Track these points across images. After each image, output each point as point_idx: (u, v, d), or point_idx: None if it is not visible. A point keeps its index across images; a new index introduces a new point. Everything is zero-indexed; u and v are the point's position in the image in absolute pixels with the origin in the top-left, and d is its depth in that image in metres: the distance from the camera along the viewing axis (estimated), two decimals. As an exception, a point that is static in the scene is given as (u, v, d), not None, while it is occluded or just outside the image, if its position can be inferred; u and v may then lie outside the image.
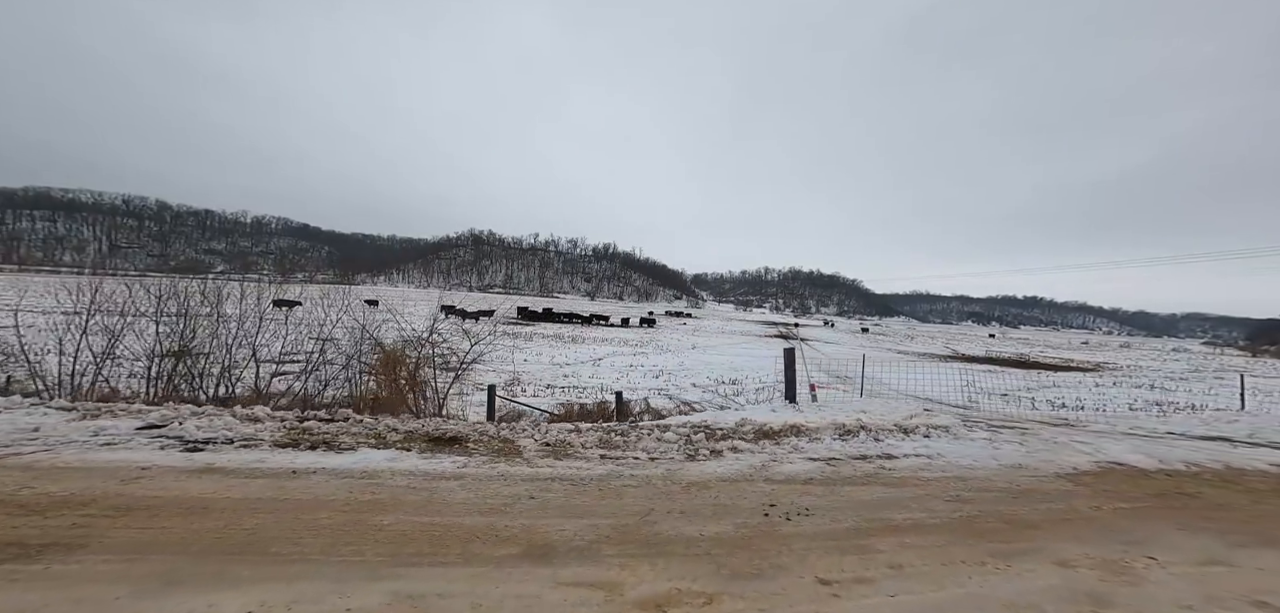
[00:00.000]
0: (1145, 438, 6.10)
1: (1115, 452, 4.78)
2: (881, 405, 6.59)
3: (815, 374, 17.76)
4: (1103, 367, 30.08)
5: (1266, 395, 19.96)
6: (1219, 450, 5.17)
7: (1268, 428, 6.19)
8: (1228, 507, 3.66)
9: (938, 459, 4.33)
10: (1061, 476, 4.10)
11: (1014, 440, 5.13)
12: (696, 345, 27.09)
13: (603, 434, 4.63)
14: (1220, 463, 4.52)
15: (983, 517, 3.30)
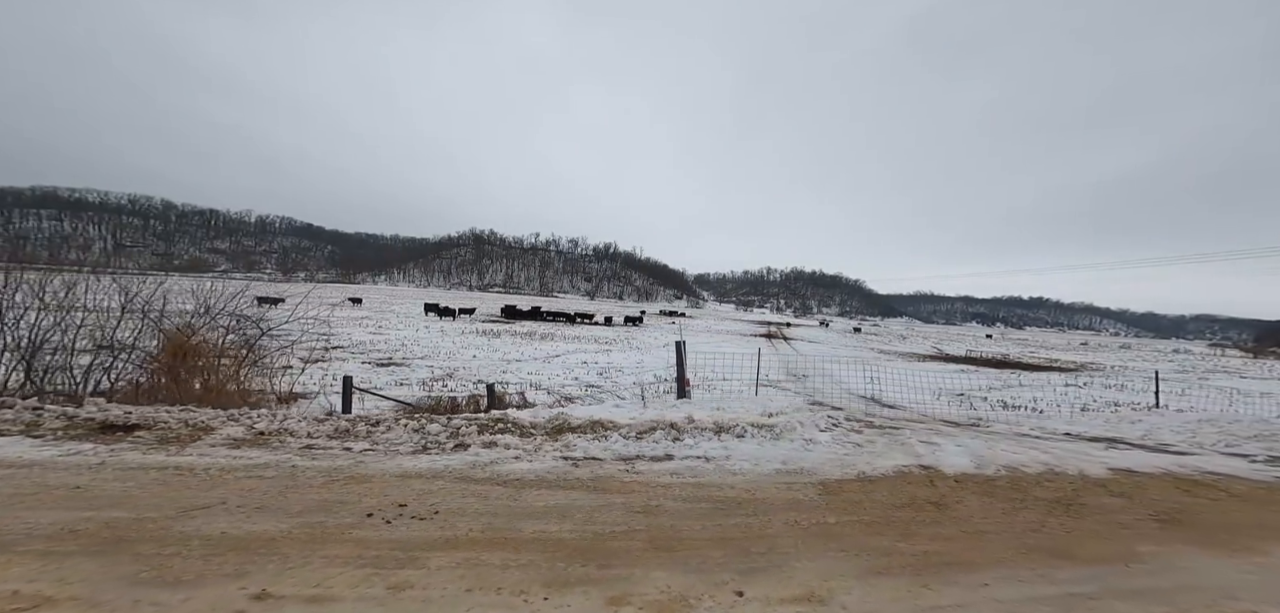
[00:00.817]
0: (1031, 438, 5.79)
1: (954, 457, 4.47)
2: (759, 403, 6.30)
3: (775, 374, 17.48)
4: (1086, 367, 29.50)
5: (1245, 396, 19.40)
6: (1081, 451, 4.86)
7: (1166, 427, 5.86)
8: (963, 519, 3.32)
9: (716, 461, 4.08)
10: (844, 481, 3.80)
11: (862, 442, 4.84)
12: (669, 344, 26.86)
13: (365, 427, 4.47)
14: (1046, 466, 4.21)
15: (662, 531, 2.96)
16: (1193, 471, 4.25)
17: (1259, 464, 4.55)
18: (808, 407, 6.00)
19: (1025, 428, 6.67)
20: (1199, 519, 3.31)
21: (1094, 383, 20.18)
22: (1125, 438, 5.68)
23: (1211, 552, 2.88)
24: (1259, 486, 3.95)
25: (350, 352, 15.01)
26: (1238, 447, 5.05)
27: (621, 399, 7.53)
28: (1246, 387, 23.19)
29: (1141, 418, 6.45)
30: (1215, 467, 4.37)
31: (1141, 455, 4.74)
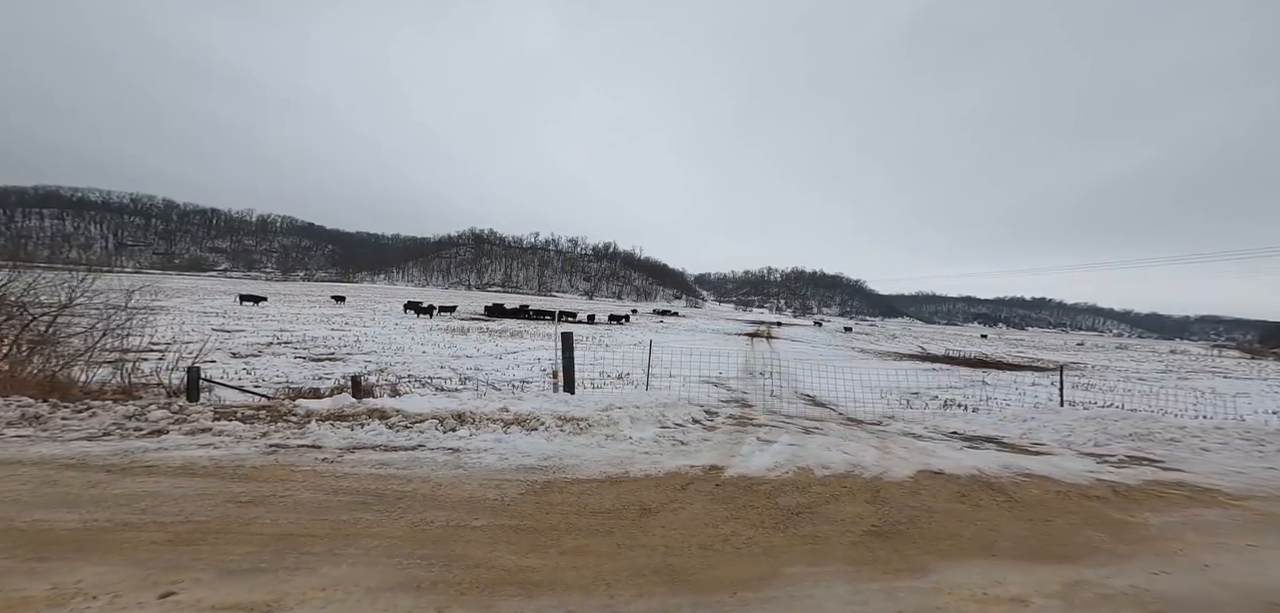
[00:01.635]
0: (911, 439, 5.55)
1: (774, 456, 4.22)
2: (648, 398, 6.06)
3: (731, 372, 17.21)
4: (1069, 367, 29.08)
5: (1216, 395, 18.99)
6: (934, 451, 4.61)
7: (1051, 425, 5.59)
8: (643, 531, 3.03)
9: (448, 453, 3.91)
10: (591, 481, 3.57)
11: (698, 442, 4.60)
12: (640, 342, 26.65)
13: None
14: (851, 468, 3.96)
15: (239, 523, 2.78)
16: (1018, 471, 4.00)
17: (1107, 465, 4.30)
18: (659, 405, 5.77)
19: (921, 428, 6.41)
20: (916, 531, 3.04)
21: (1066, 385, 19.80)
22: (1003, 437, 5.42)
23: (863, 572, 2.59)
24: (1065, 488, 3.69)
25: (293, 347, 14.84)
26: (1104, 445, 4.79)
27: (498, 390, 7.31)
28: (1225, 387, 22.75)
29: (1033, 417, 6.16)
30: (1050, 468, 4.12)
31: (996, 456, 4.50)
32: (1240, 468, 4.03)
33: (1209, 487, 3.76)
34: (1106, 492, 3.61)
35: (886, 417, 7.57)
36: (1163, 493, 3.60)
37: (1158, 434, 4.79)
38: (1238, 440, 4.62)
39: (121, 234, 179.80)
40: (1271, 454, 4.44)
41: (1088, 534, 3.02)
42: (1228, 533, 3.02)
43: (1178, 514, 3.28)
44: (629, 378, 12.97)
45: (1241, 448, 4.54)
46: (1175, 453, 4.45)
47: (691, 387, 11.72)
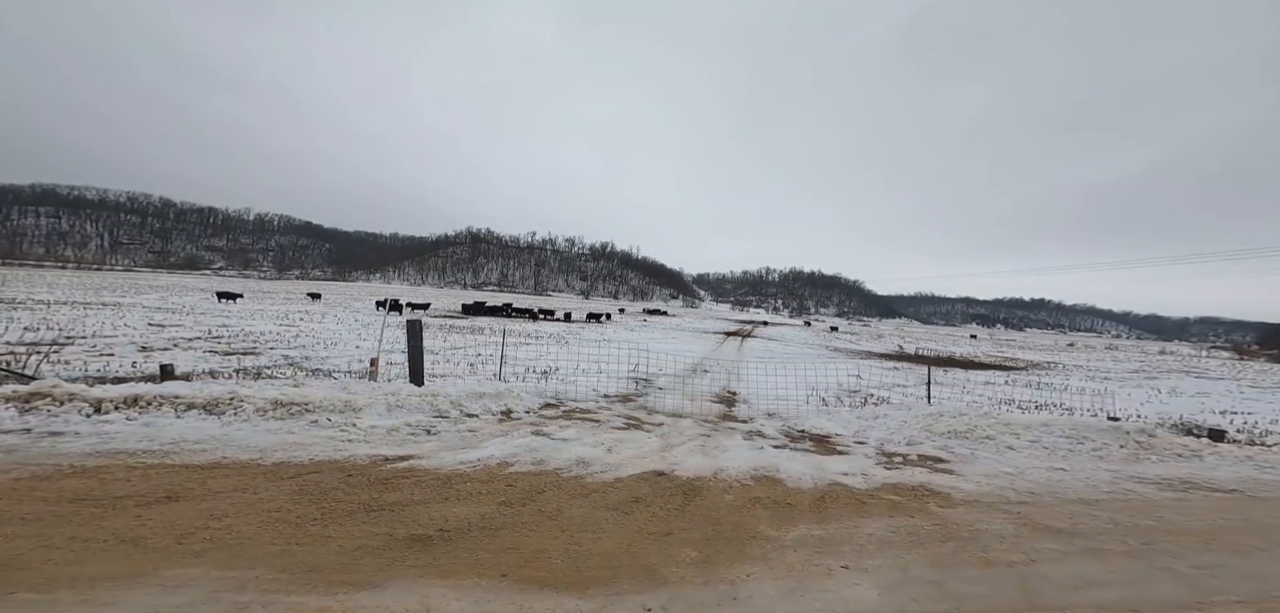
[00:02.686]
0: (755, 436, 5.23)
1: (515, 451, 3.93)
2: (492, 387, 5.79)
3: (674, 369, 16.91)
4: (1039, 366, 28.73)
5: (1172, 394, 18.65)
6: (726, 448, 4.29)
7: (880, 427, 5.27)
8: None
9: (139, 432, 3.61)
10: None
11: (478, 435, 4.31)
12: (607, 339, 26.37)
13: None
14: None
15: None
16: (773, 472, 3.70)
17: (890, 466, 4.01)
18: (491, 395, 5.48)
19: (775, 427, 6.11)
20: (468, 541, 2.79)
21: (1015, 383, 19.54)
22: (834, 435, 5.12)
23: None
24: (788, 492, 3.40)
25: (223, 342, 14.60)
26: (916, 444, 4.48)
27: (334, 377, 7.02)
28: (1189, 385, 22.42)
29: (883, 416, 5.85)
30: (812, 470, 3.82)
31: (788, 455, 4.22)
32: (1021, 468, 3.73)
33: (947, 490, 3.47)
34: (813, 500, 3.31)
35: (771, 414, 7.27)
36: (893, 498, 3.30)
37: (980, 431, 4.48)
38: (1059, 437, 4.32)
39: (117, 232, 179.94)
40: (1081, 453, 4.13)
41: (703, 550, 2.70)
42: (869, 552, 2.67)
43: (845, 525, 2.97)
44: (554, 373, 12.70)
45: (1057, 445, 4.24)
46: (977, 453, 4.16)
47: (609, 381, 11.45)
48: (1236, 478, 3.71)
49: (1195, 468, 3.98)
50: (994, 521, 3.06)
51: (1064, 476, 3.66)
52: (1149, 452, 4.29)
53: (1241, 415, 13.87)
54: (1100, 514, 3.14)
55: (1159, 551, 2.72)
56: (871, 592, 2.28)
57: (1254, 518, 3.13)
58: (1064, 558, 2.62)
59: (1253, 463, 4.17)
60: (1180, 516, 3.15)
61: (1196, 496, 3.46)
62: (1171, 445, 4.35)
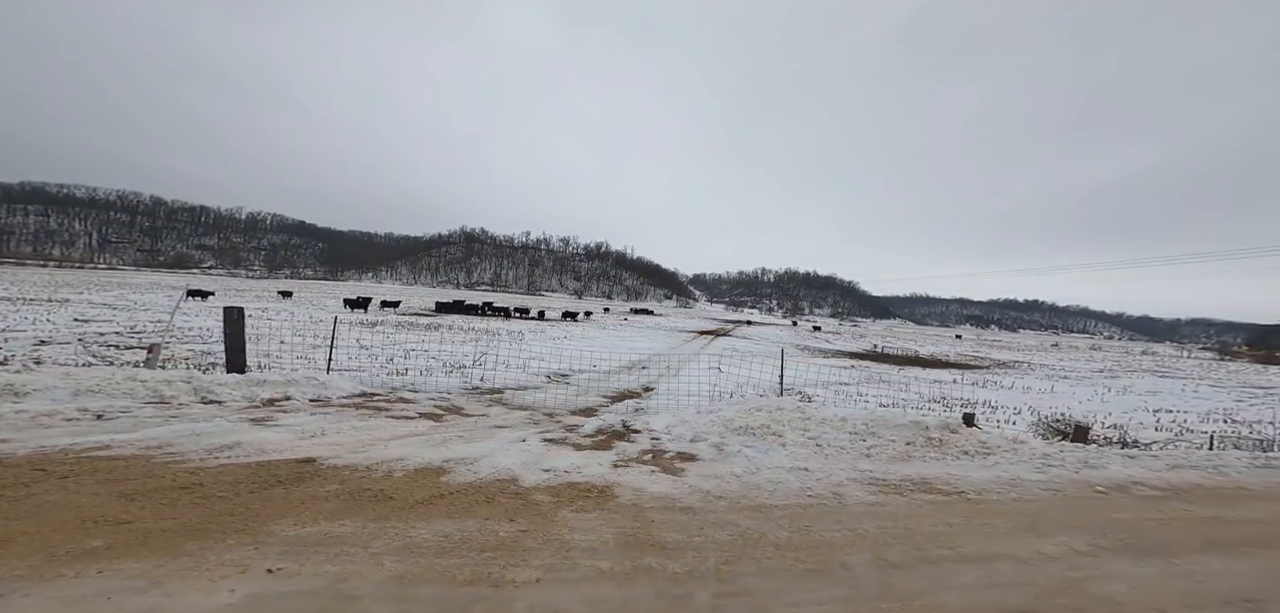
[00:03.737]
0: None
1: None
2: (319, 376, 5.47)
3: (611, 365, 16.66)
4: (1004, 365, 28.56)
5: (1126, 393, 18.48)
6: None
7: (696, 423, 4.98)
8: None
9: None
10: None
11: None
12: (567, 336, 26.07)
13: None
14: None
15: None
16: None
17: (609, 463, 3.71)
18: (312, 385, 5.19)
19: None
20: None
21: (961, 382, 19.35)
22: (647, 429, 4.83)
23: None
24: (401, 474, 3.09)
25: (143, 336, 14.27)
26: (693, 441, 4.20)
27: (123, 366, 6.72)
28: (1144, 384, 22.25)
29: (721, 409, 5.59)
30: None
31: (541, 450, 3.91)
32: (759, 468, 3.46)
33: (635, 489, 3.18)
34: (434, 495, 2.98)
35: (638, 411, 6.97)
36: (543, 499, 2.98)
37: (772, 427, 4.22)
38: (846, 435, 4.06)
39: (106, 231, 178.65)
40: (848, 452, 3.84)
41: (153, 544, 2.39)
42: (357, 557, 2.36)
43: (387, 525, 2.62)
44: (461, 369, 12.39)
45: (835, 443, 3.97)
46: (743, 450, 3.90)
47: (518, 375, 11.19)
48: (997, 479, 3.45)
49: (961, 468, 3.71)
50: (624, 524, 2.74)
51: (792, 476, 3.38)
52: (936, 449, 4.03)
53: (1173, 413, 13.66)
54: (761, 520, 2.85)
55: (748, 559, 2.39)
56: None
57: (941, 523, 2.84)
58: (628, 577, 2.25)
59: (1043, 461, 3.90)
60: (854, 521, 2.86)
61: (917, 499, 3.19)
62: (965, 444, 4.08)
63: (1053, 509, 3.01)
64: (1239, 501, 3.33)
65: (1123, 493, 3.34)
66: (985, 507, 3.03)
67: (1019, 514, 2.92)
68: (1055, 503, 3.11)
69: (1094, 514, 2.95)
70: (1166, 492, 3.39)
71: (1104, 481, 3.51)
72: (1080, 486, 3.38)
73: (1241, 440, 7.62)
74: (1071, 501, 3.15)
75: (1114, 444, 6.66)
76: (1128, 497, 3.28)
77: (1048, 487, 3.36)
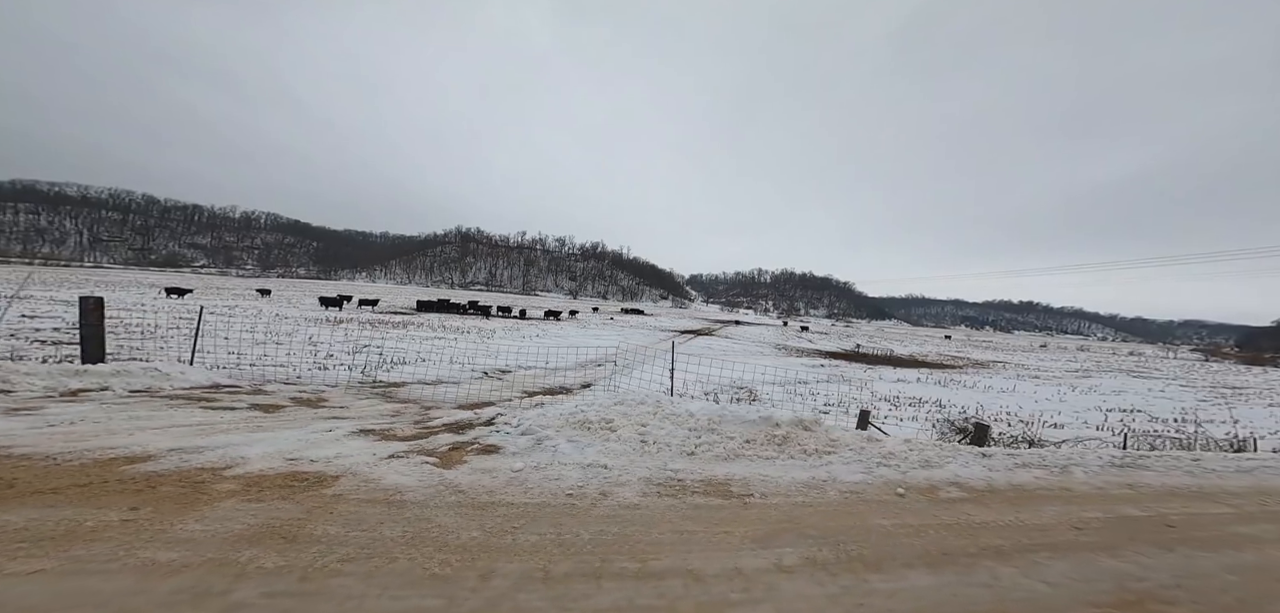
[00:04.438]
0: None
1: None
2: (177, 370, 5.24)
3: (565, 363, 16.46)
4: (979, 365, 28.44)
5: (1091, 391, 18.34)
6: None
7: (534, 419, 4.75)
8: None
9: None
10: None
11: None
12: (539, 335, 25.82)
13: None
14: None
15: None
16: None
17: (383, 455, 3.50)
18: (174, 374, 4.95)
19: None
20: None
21: (925, 381, 19.21)
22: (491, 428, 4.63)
23: None
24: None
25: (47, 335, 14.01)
26: (524, 435, 3.98)
27: None
28: (1112, 384, 22.13)
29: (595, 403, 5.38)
30: None
31: (352, 442, 3.68)
32: (545, 465, 3.26)
33: (364, 478, 2.97)
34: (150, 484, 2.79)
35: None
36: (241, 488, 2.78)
37: (614, 422, 3.99)
38: (686, 431, 3.84)
39: (96, 229, 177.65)
40: (661, 450, 3.62)
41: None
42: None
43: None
44: (398, 365, 12.15)
45: (661, 438, 3.77)
46: (559, 445, 3.67)
47: (454, 370, 11.01)
48: (811, 481, 3.22)
49: (780, 468, 3.49)
50: (290, 513, 2.52)
51: (577, 472, 3.17)
52: (774, 447, 3.81)
53: (1127, 412, 13.50)
54: (469, 517, 2.64)
55: (376, 558, 2.17)
56: None
57: (675, 530, 2.61)
58: (196, 567, 2.05)
59: (880, 460, 3.68)
60: (575, 524, 2.63)
61: (690, 501, 2.98)
62: (810, 442, 3.89)
63: (817, 515, 2.79)
64: (1045, 502, 3.12)
65: (924, 495, 3.12)
66: (754, 512, 2.82)
67: (777, 520, 2.69)
68: (834, 508, 2.89)
69: (855, 521, 2.73)
70: (977, 494, 3.17)
71: (924, 482, 3.29)
72: (885, 488, 3.16)
73: (1160, 440, 7.44)
74: (854, 504, 2.92)
75: (1020, 443, 6.46)
76: (922, 500, 3.04)
77: (853, 489, 3.15)
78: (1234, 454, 5.70)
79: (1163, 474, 3.70)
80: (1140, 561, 2.46)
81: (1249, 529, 2.93)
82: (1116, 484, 3.37)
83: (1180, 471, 3.76)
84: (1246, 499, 3.30)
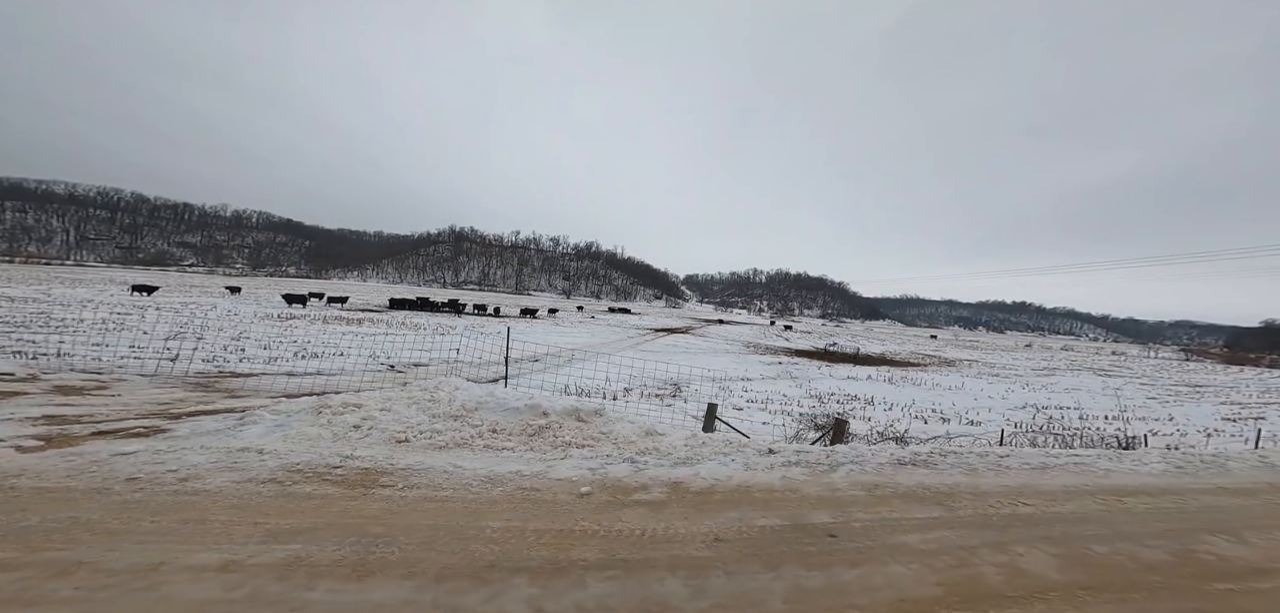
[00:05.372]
0: None
1: None
2: None
3: (518, 354, 16.12)
4: (950, 363, 28.24)
5: (1045, 389, 18.13)
6: None
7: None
8: None
9: None
10: None
11: None
12: (499, 332, 25.44)
13: None
14: None
15: None
16: None
17: None
18: None
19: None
20: None
21: (875, 378, 18.97)
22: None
23: None
24: None
25: None
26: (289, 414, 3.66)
27: None
28: (1077, 382, 21.93)
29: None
30: None
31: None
32: (260, 445, 2.95)
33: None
34: None
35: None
36: None
37: (373, 408, 3.68)
38: (447, 420, 3.53)
39: (84, 227, 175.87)
40: (411, 432, 3.31)
41: None
42: None
43: None
44: (314, 358, 11.81)
45: (416, 419, 3.45)
46: (277, 425, 3.34)
47: (357, 362, 10.73)
48: (506, 472, 2.92)
49: (506, 462, 3.18)
50: None
51: (254, 457, 2.87)
52: (527, 438, 3.50)
53: (1064, 410, 13.28)
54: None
55: None
56: None
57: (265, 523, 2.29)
58: None
59: (643, 455, 3.36)
60: (150, 515, 2.33)
61: (321, 491, 2.65)
62: (574, 436, 3.61)
63: (430, 512, 2.47)
64: (735, 507, 2.73)
65: (616, 495, 2.78)
66: (365, 505, 2.51)
67: (367, 516, 2.39)
68: (465, 505, 2.56)
69: (465, 522, 2.40)
70: (673, 499, 2.77)
71: (666, 480, 2.97)
72: (571, 486, 2.83)
73: (1040, 436, 7.15)
74: (499, 502, 2.55)
75: (889, 440, 6.16)
76: (599, 504, 2.68)
77: (528, 487, 2.82)
78: (1118, 453, 5.38)
79: (942, 474, 3.38)
80: (712, 584, 2.08)
81: (932, 536, 2.51)
82: (859, 486, 2.99)
83: (961, 470, 3.44)
84: (991, 500, 2.89)
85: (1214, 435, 10.33)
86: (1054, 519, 2.80)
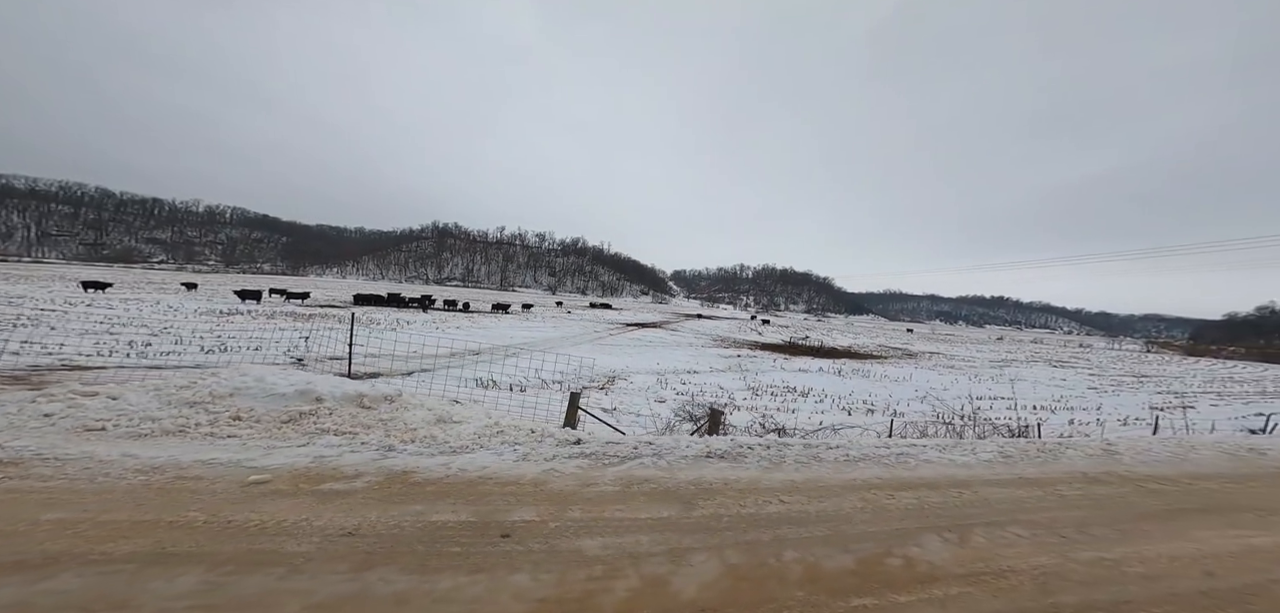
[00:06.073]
0: None
1: None
2: None
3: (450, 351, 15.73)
4: (912, 355, 28.55)
5: (993, 381, 18.33)
6: None
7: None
8: None
9: None
10: None
11: None
12: (462, 327, 24.92)
13: None
14: None
15: None
16: None
17: None
18: None
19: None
20: None
21: (826, 371, 19.03)
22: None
23: None
24: None
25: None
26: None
27: None
28: (1028, 372, 22.26)
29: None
30: None
31: None
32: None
33: None
34: None
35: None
36: None
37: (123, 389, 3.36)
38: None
39: (45, 223, 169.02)
40: (185, 422, 3.02)
41: None
42: None
43: None
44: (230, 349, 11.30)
45: (151, 406, 3.15)
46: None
47: (271, 355, 10.20)
48: (231, 462, 2.64)
49: (227, 449, 2.89)
50: None
51: None
52: (286, 427, 3.22)
53: (1003, 400, 13.39)
54: None
55: None
56: None
57: None
58: None
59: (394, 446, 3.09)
60: None
61: None
62: (346, 423, 3.32)
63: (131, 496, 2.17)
64: (447, 497, 2.50)
65: (300, 483, 2.52)
66: (31, 485, 2.20)
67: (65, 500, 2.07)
68: (91, 493, 2.29)
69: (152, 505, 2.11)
70: (365, 490, 2.57)
71: (437, 470, 2.73)
72: (247, 472, 2.59)
73: (937, 425, 7.09)
74: (135, 489, 2.30)
75: (770, 431, 6.01)
76: (272, 489, 2.42)
77: (200, 475, 2.55)
78: (972, 443, 5.19)
79: (742, 468, 3.18)
80: (259, 582, 1.83)
81: (631, 539, 2.26)
82: (624, 481, 2.74)
83: (769, 464, 3.25)
84: (756, 497, 2.62)
85: (1132, 424, 10.46)
86: (797, 519, 2.52)
